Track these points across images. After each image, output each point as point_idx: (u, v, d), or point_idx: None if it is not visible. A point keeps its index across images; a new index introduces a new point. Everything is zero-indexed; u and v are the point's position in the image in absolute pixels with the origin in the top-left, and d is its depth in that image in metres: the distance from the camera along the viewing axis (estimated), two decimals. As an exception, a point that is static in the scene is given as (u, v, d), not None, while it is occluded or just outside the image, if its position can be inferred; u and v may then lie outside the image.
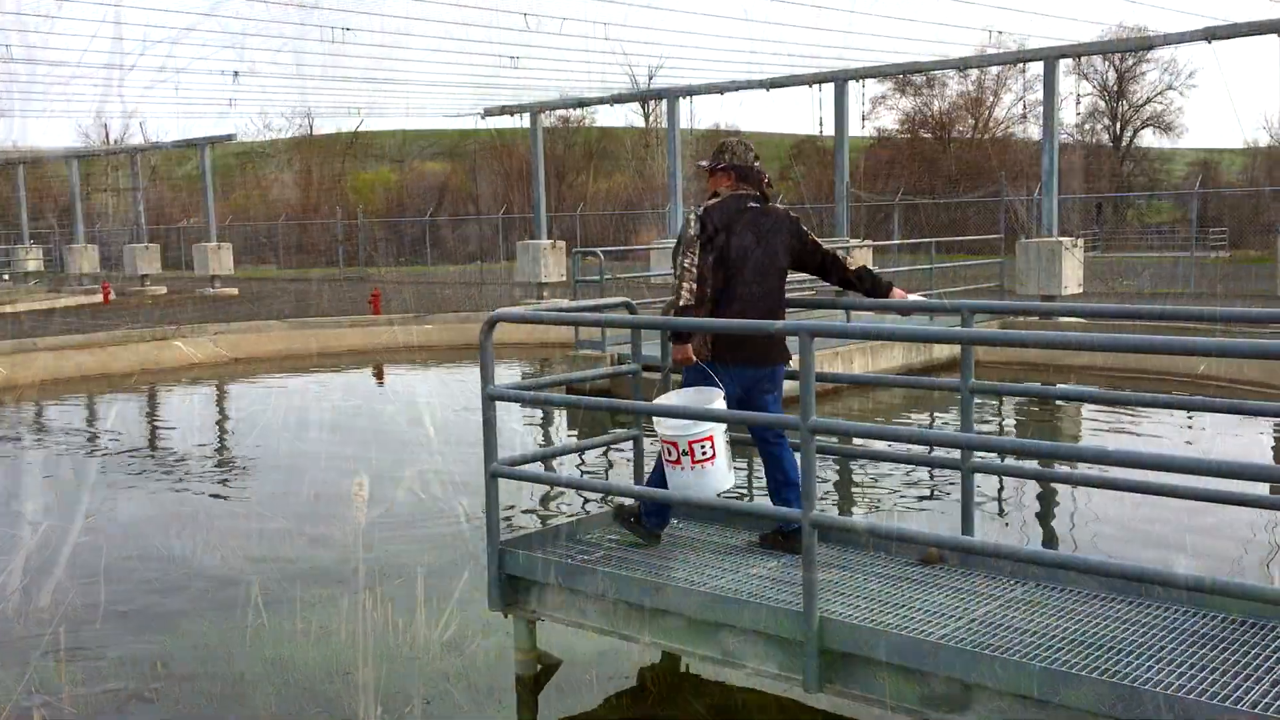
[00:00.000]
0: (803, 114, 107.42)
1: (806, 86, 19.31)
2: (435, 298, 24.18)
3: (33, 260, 34.86)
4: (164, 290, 29.24)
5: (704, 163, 5.47)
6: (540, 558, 5.02)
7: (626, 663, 5.27)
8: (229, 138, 31.09)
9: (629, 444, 5.96)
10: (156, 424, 12.78)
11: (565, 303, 16.82)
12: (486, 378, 4.98)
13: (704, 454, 4.89)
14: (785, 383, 5.28)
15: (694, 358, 5.06)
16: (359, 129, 61.48)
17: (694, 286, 5.02)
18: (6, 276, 32.89)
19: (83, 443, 11.33)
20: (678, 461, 4.95)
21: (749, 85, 20.31)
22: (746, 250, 5.12)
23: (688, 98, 21.21)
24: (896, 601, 4.43)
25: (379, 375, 16.48)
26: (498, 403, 5.04)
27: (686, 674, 5.17)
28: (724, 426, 4.96)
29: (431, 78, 26.09)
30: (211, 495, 8.93)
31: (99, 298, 26.73)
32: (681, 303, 5.01)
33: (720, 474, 4.95)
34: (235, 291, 27.78)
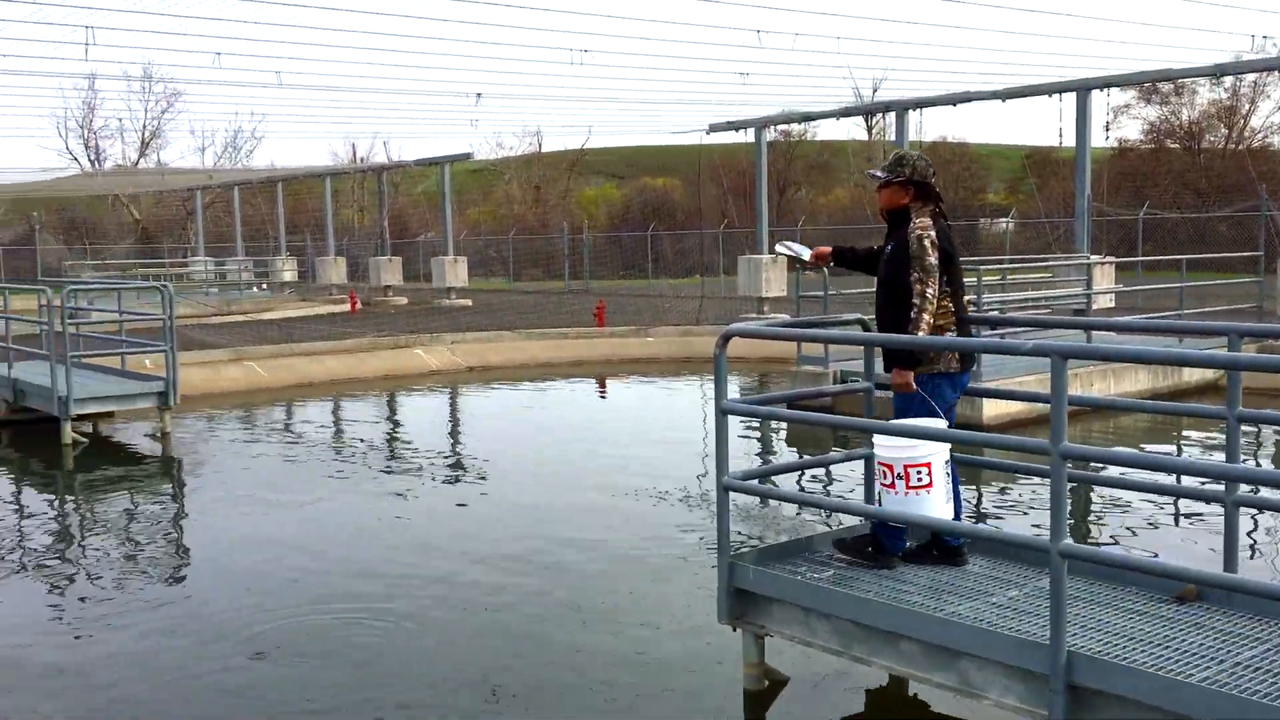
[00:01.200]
0: (1037, 124, 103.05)
1: (1045, 96, 18.51)
2: (656, 311, 24.54)
3: (288, 271, 37.42)
4: (405, 300, 30.87)
5: (878, 173, 5.40)
6: (771, 573, 5.02)
7: (853, 684, 5.19)
8: (466, 156, 32.51)
9: (856, 463, 5.87)
10: (431, 427, 13.51)
11: (787, 318, 16.73)
12: (720, 392, 5.02)
13: (919, 480, 4.82)
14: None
15: (914, 386, 5.11)
16: (585, 145, 63.30)
17: (930, 319, 5.10)
18: (265, 285, 35.46)
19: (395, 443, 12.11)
20: (892, 485, 4.90)
21: (983, 96, 19.67)
22: (960, 271, 5.40)
23: (916, 110, 20.75)
24: (1150, 639, 4.19)
25: (601, 385, 16.85)
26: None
27: (915, 700, 5.05)
28: (945, 456, 4.85)
29: (659, 95, 26.62)
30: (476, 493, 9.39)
31: (347, 306, 28.49)
32: (920, 333, 5.06)
33: (936, 504, 4.84)
34: (469, 302, 29.02)
